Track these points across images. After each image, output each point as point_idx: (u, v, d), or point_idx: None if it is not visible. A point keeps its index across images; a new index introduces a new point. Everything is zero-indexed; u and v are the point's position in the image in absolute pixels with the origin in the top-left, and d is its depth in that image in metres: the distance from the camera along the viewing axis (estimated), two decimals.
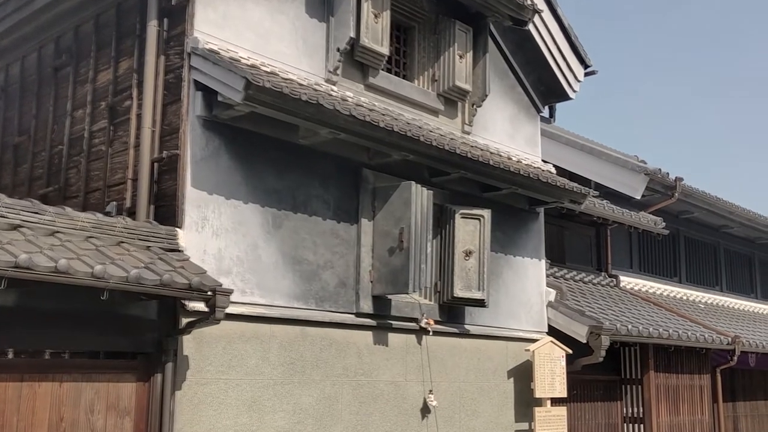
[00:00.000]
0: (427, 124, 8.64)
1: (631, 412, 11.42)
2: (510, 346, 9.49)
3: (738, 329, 14.27)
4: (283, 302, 7.14)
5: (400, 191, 7.88)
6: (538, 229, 10.26)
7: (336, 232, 7.71)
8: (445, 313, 8.70)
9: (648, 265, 15.37)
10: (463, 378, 8.81)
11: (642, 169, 12.96)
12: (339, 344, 7.57)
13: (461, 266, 8.60)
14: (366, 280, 7.85)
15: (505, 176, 8.79)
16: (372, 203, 8.02)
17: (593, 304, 11.14)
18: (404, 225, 7.77)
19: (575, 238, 13.51)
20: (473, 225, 8.74)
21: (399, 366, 8.11)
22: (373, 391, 7.82)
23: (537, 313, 10.00)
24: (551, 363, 9.53)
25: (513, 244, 9.80)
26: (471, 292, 8.59)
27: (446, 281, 8.59)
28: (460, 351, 8.83)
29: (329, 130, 7.15)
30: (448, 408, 8.56)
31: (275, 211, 7.20)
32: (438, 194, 8.78)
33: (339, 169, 7.83)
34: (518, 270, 9.83)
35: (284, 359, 7.09)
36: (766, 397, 15.39)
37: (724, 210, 15.49)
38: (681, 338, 11.13)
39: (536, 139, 10.51)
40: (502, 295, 9.51)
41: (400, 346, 8.17)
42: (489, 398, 9.09)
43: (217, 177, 6.79)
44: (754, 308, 18.54)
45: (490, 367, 9.20)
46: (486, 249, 8.72)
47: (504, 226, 9.69)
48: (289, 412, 7.05)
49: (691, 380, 12.10)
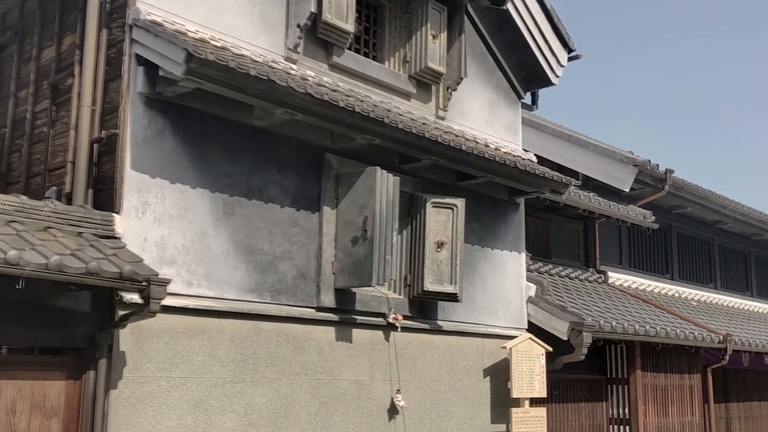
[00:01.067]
0: (397, 108, 8.14)
1: (617, 413, 10.92)
2: (486, 343, 8.99)
3: (731, 327, 13.77)
4: (235, 295, 6.64)
5: (364, 177, 7.38)
6: (518, 220, 9.76)
7: (295, 220, 7.21)
8: (415, 308, 8.21)
9: (639, 261, 14.87)
10: (435, 377, 8.31)
11: (630, 160, 12.46)
12: (297, 340, 7.07)
13: (432, 258, 8.10)
14: (328, 272, 7.35)
15: (480, 163, 8.29)
16: (335, 190, 7.53)
17: (577, 300, 10.65)
18: (368, 213, 7.27)
19: (562, 233, 13.01)
20: (446, 215, 8.24)
21: (364, 364, 7.61)
22: (335, 390, 7.32)
23: (516, 308, 9.50)
24: (530, 361, 9.03)
25: (491, 236, 9.30)
26: (443, 286, 8.09)
27: (416, 274, 8.09)
28: (431, 348, 8.34)
29: (285, 110, 6.66)
30: (417, 409, 8.07)
31: (227, 197, 6.70)
32: (409, 182, 8.29)
33: (299, 153, 7.33)
34: (496, 263, 9.33)
35: (235, 356, 6.59)
36: (760, 397, 14.88)
37: (717, 204, 14.97)
38: (669, 336, 10.62)
39: (516, 126, 10.01)
40: (479, 289, 9.01)
41: (366, 342, 7.67)
42: (463, 398, 8.59)
43: (160, 159, 6.29)
44: (749, 306, 18.03)
45: (465, 366, 8.70)
46: (459, 240, 8.22)
47: (481, 216, 9.19)
48: (239, 413, 6.55)
49: (680, 380, 11.60)
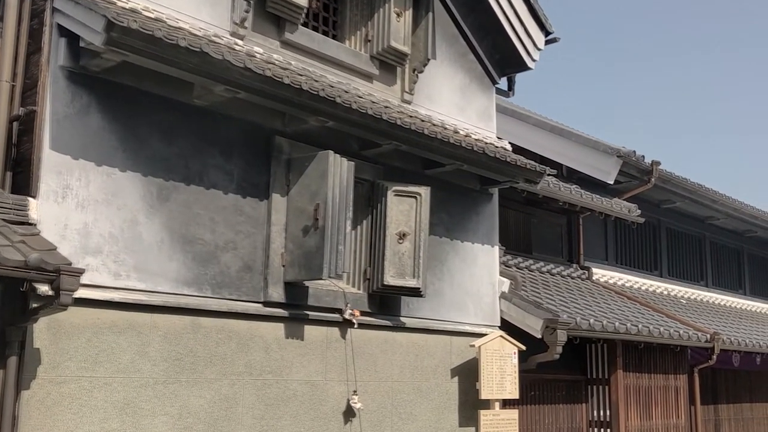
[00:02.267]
0: (357, 89, 7.61)
1: (598, 416, 10.40)
2: (455, 341, 8.46)
3: (721, 326, 13.24)
4: (169, 288, 6.11)
5: (316, 162, 6.85)
6: (491, 212, 9.23)
7: (240, 208, 6.68)
8: (375, 304, 7.68)
9: (625, 257, 14.33)
10: (397, 377, 7.79)
11: (614, 151, 11.93)
12: (241, 337, 6.54)
13: (393, 250, 7.58)
14: (277, 264, 6.83)
15: (445, 149, 7.76)
16: (286, 176, 7.00)
17: (556, 297, 10.11)
18: (320, 200, 6.74)
19: (544, 227, 12.48)
20: (408, 204, 7.71)
21: (317, 363, 7.09)
22: (284, 391, 6.79)
23: (488, 305, 8.97)
24: (501, 360, 8.50)
25: (461, 228, 8.77)
26: (404, 280, 7.56)
27: (377, 267, 7.57)
28: (393, 346, 7.81)
29: (224, 88, 6.14)
30: (377, 411, 7.54)
31: (162, 182, 6.17)
32: (370, 169, 7.76)
33: (246, 136, 6.80)
34: (466, 257, 8.79)
35: (168, 354, 6.06)
36: (751, 399, 14.35)
37: (707, 198, 14.43)
38: (652, 334, 10.09)
39: (490, 113, 9.47)
40: (446, 284, 8.48)
41: (320, 340, 7.14)
42: (428, 400, 8.06)
43: (85, 139, 5.76)
44: (742, 305, 17.50)
45: (431, 365, 8.17)
46: (423, 231, 7.69)
47: (451, 207, 8.67)
48: (173, 416, 6.02)
49: (665, 381, 11.07)
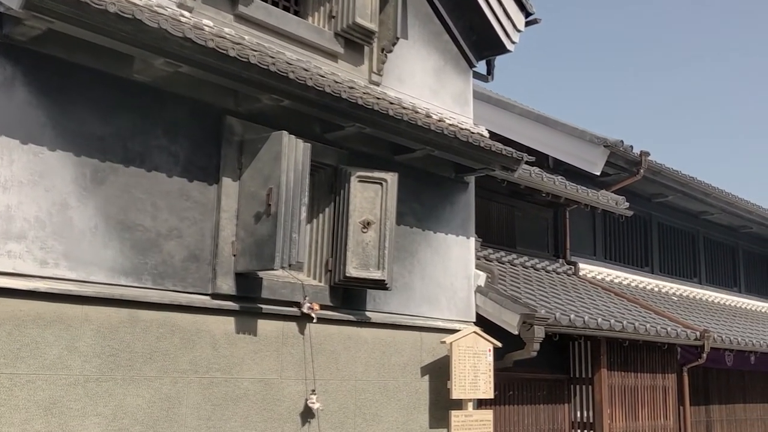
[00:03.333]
0: (319, 68, 7.12)
1: (581, 417, 9.92)
2: (425, 337, 7.98)
3: (713, 324, 12.77)
4: (104, 278, 5.63)
5: (269, 144, 6.37)
6: (466, 201, 8.74)
7: (187, 193, 6.20)
8: (338, 297, 7.19)
9: (615, 253, 13.86)
10: (362, 375, 7.31)
11: (601, 140, 11.45)
12: (186, 332, 6.06)
13: (357, 240, 7.10)
14: (227, 254, 6.35)
15: (413, 133, 7.29)
16: (238, 159, 6.51)
17: (537, 292, 9.64)
18: (273, 185, 6.26)
19: (529, 221, 12.01)
20: (374, 191, 7.23)
21: (271, 360, 6.61)
22: (234, 390, 6.31)
23: (462, 299, 8.49)
24: (474, 358, 8.03)
25: (434, 218, 8.30)
26: (368, 272, 7.08)
27: (339, 258, 7.09)
28: (358, 343, 7.33)
29: (164, 61, 5.66)
30: (338, 412, 7.06)
31: (97, 163, 5.69)
32: (333, 153, 7.29)
33: (194, 115, 6.32)
34: (439, 248, 8.32)
35: (102, 350, 5.57)
36: (745, 400, 13.87)
37: (699, 192, 13.95)
38: (638, 331, 9.62)
39: (467, 97, 8.99)
40: (417, 277, 8.01)
41: (275, 335, 6.66)
42: (395, 400, 7.59)
43: (8, 115, 5.27)
44: (737, 303, 17.04)
45: (399, 363, 7.69)
46: (389, 220, 7.21)
47: (423, 196, 8.19)
48: (106, 417, 5.54)
49: (653, 380, 10.60)
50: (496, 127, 12.46)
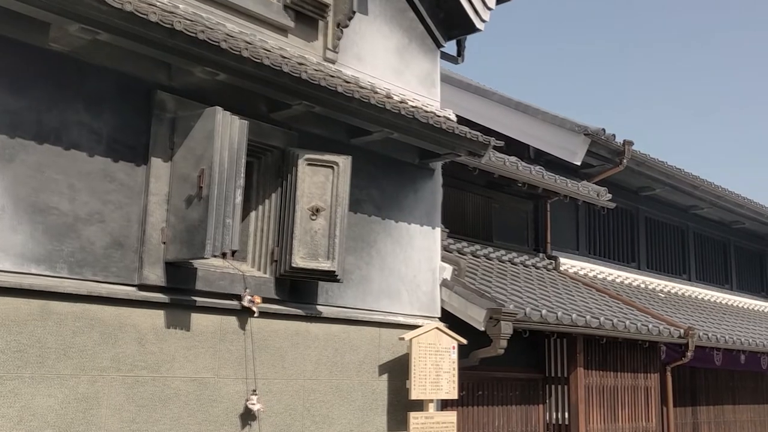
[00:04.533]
0: (264, 41, 6.59)
1: (557, 418, 9.39)
2: (384, 334, 7.45)
3: (700, 322, 12.25)
4: (12, 265, 5.09)
5: (202, 121, 5.83)
6: (432, 189, 8.22)
7: (111, 174, 5.66)
8: (285, 290, 6.66)
9: (600, 248, 13.33)
10: (311, 374, 6.78)
11: (582, 128, 10.92)
12: (107, 326, 5.52)
13: (305, 228, 6.56)
14: (156, 241, 5.81)
15: (366, 113, 6.75)
16: (170, 138, 5.98)
17: (510, 286, 9.11)
18: (205, 166, 5.73)
19: (507, 213, 11.48)
20: (324, 175, 6.69)
21: (207, 357, 6.07)
22: (163, 390, 5.77)
23: (426, 293, 7.96)
24: (437, 356, 7.49)
25: (395, 206, 7.77)
26: (317, 262, 6.55)
27: (285, 247, 6.55)
28: (307, 339, 6.80)
29: (80, 27, 5.13)
30: (283, 414, 6.52)
31: (5, 139, 5.15)
32: (280, 135, 6.75)
33: (121, 89, 5.78)
34: (401, 239, 7.79)
35: (7, 345, 5.04)
36: (734, 401, 13.34)
37: (687, 184, 13.41)
38: (616, 328, 9.08)
39: (434, 79, 8.46)
40: (376, 269, 7.48)
41: (211, 331, 6.13)
42: (349, 401, 7.05)
43: None
44: (728, 300, 16.49)
45: (354, 361, 7.16)
46: (342, 206, 6.67)
47: (383, 182, 7.66)
48: (11, 419, 5.01)
49: (634, 380, 10.06)
50: (475, 116, 11.96)
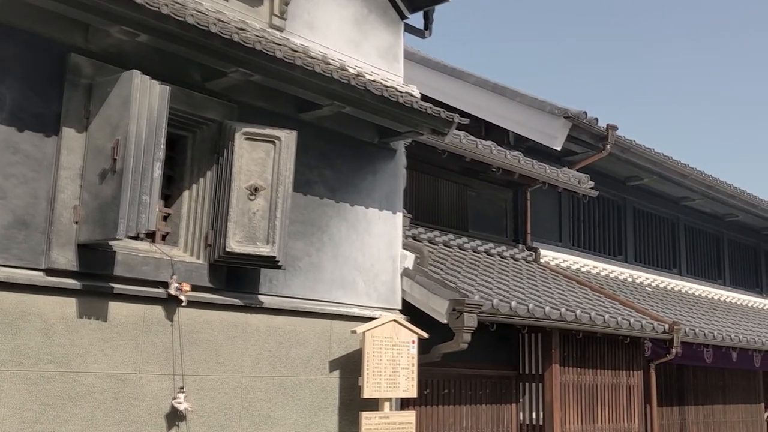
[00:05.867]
0: (200, 3, 5.97)
1: (531, 418, 8.78)
2: (337, 326, 6.84)
3: (689, 317, 11.64)
4: None
5: (119, 86, 5.22)
6: (393, 171, 7.61)
7: (14, 145, 5.05)
8: (221, 277, 6.05)
9: (583, 239, 12.72)
10: (250, 370, 6.17)
11: (562, 111, 10.32)
12: (6, 315, 4.91)
13: (242, 209, 5.95)
14: (67, 221, 5.20)
15: (312, 82, 6.13)
16: (85, 106, 5.36)
17: (480, 277, 8.50)
18: (120, 136, 5.12)
19: (485, 202, 10.87)
20: (264, 151, 6.08)
21: (127, 351, 5.46)
22: (73, 387, 5.16)
23: (385, 283, 7.35)
24: (394, 350, 6.89)
25: (351, 189, 7.16)
26: (255, 246, 5.93)
27: (220, 230, 5.94)
28: (246, 332, 6.18)
29: None
30: (217, 413, 5.91)
31: None
32: (218, 107, 6.14)
33: (28, 51, 5.17)
34: (357, 224, 7.18)
35: None
36: (725, 400, 12.72)
37: (675, 173, 12.79)
38: (594, 322, 8.47)
39: (396, 53, 7.86)
40: (328, 256, 6.87)
41: (132, 321, 5.51)
42: (295, 399, 6.44)
43: None
44: (720, 296, 15.88)
45: (301, 356, 6.54)
46: (284, 185, 6.06)
47: (337, 162, 7.05)
48: None
49: (615, 378, 9.45)
50: (452, 100, 11.37)
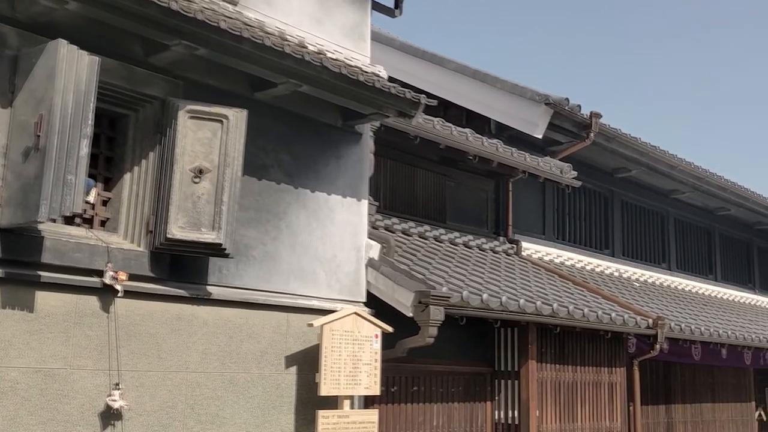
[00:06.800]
0: None
1: (506, 417, 8.38)
2: (294, 320, 6.44)
3: (676, 312, 11.25)
4: None
5: (44, 57, 4.82)
6: (358, 156, 7.20)
7: None
8: (164, 266, 5.64)
9: (569, 232, 12.33)
10: (197, 366, 5.76)
11: (543, 97, 9.91)
12: None
13: (186, 192, 5.54)
14: None
15: (262, 57, 5.73)
16: (10, 80, 4.95)
17: (453, 269, 8.10)
18: (44, 110, 4.71)
19: (464, 192, 10.48)
20: (211, 130, 5.67)
21: (57, 344, 5.05)
22: None
23: (349, 274, 6.95)
24: (355, 345, 6.48)
25: (312, 174, 6.76)
26: (199, 233, 5.53)
27: (161, 215, 5.53)
28: (193, 325, 5.78)
29: None
30: (158, 412, 5.51)
31: None
32: (161, 83, 5.74)
33: None
34: (318, 211, 6.78)
35: None
36: (714, 399, 12.33)
37: (663, 163, 12.40)
38: (573, 316, 8.08)
39: (362, 32, 7.44)
40: (285, 245, 6.46)
41: (63, 312, 5.10)
42: (247, 397, 6.04)
43: None
44: (711, 292, 15.49)
45: (254, 351, 6.14)
46: (232, 167, 5.65)
47: (295, 145, 6.65)
48: None
49: (597, 375, 9.05)
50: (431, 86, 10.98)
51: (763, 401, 13.99)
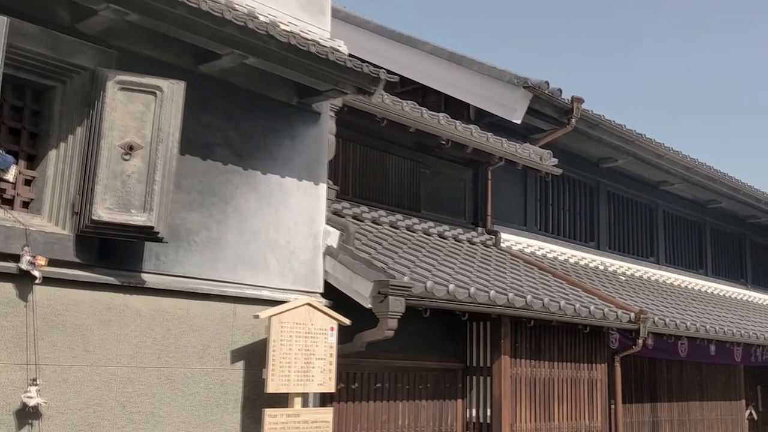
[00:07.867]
0: None
1: (478, 415, 7.92)
2: (241, 311, 5.97)
3: (661, 307, 10.80)
4: None
5: None
6: (316, 136, 6.74)
7: None
8: (92, 251, 5.17)
9: (552, 224, 11.86)
10: (129, 360, 5.29)
11: (521, 81, 9.43)
12: None
13: (114, 170, 5.07)
14: None
15: (199, 23, 5.26)
16: None
17: (420, 259, 7.63)
18: None
19: (441, 181, 10.01)
20: (143, 103, 5.20)
21: None
22: None
23: (304, 263, 6.48)
24: (307, 339, 6.02)
25: (263, 155, 6.29)
26: (128, 214, 5.05)
27: (87, 195, 5.06)
28: (125, 315, 5.31)
29: None
30: (84, 410, 5.04)
31: None
32: (91, 52, 5.27)
33: None
34: (270, 195, 6.31)
35: None
36: (702, 397, 11.88)
37: (650, 152, 11.93)
38: (548, 309, 7.61)
39: (321, 5, 6.96)
40: (233, 230, 5.99)
41: None
42: (186, 394, 5.57)
43: None
44: (701, 287, 15.03)
45: (195, 344, 5.67)
46: (167, 144, 5.18)
47: (245, 123, 6.19)
48: None
49: (575, 371, 8.60)
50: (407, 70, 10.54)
51: (754, 399, 13.58)
